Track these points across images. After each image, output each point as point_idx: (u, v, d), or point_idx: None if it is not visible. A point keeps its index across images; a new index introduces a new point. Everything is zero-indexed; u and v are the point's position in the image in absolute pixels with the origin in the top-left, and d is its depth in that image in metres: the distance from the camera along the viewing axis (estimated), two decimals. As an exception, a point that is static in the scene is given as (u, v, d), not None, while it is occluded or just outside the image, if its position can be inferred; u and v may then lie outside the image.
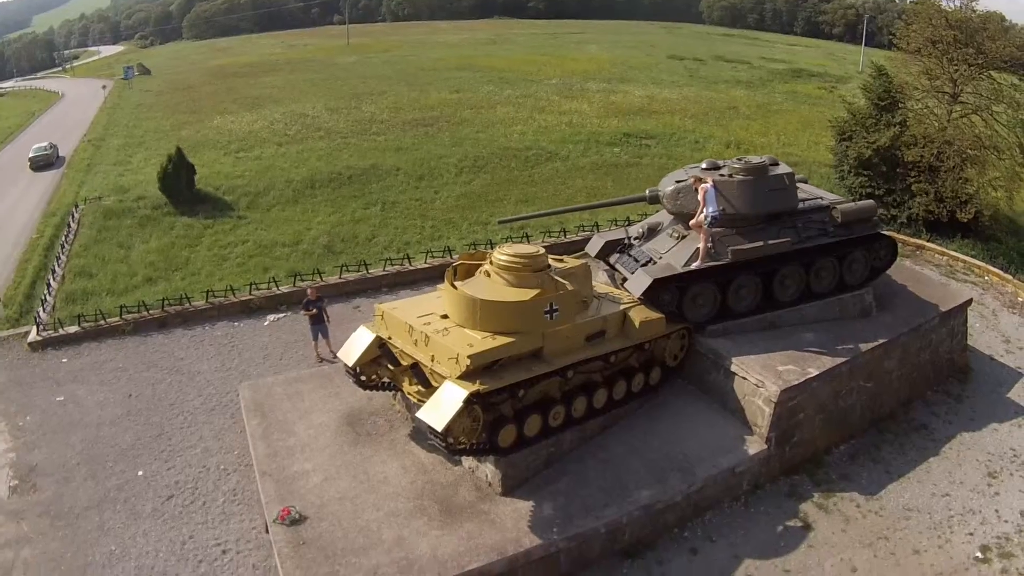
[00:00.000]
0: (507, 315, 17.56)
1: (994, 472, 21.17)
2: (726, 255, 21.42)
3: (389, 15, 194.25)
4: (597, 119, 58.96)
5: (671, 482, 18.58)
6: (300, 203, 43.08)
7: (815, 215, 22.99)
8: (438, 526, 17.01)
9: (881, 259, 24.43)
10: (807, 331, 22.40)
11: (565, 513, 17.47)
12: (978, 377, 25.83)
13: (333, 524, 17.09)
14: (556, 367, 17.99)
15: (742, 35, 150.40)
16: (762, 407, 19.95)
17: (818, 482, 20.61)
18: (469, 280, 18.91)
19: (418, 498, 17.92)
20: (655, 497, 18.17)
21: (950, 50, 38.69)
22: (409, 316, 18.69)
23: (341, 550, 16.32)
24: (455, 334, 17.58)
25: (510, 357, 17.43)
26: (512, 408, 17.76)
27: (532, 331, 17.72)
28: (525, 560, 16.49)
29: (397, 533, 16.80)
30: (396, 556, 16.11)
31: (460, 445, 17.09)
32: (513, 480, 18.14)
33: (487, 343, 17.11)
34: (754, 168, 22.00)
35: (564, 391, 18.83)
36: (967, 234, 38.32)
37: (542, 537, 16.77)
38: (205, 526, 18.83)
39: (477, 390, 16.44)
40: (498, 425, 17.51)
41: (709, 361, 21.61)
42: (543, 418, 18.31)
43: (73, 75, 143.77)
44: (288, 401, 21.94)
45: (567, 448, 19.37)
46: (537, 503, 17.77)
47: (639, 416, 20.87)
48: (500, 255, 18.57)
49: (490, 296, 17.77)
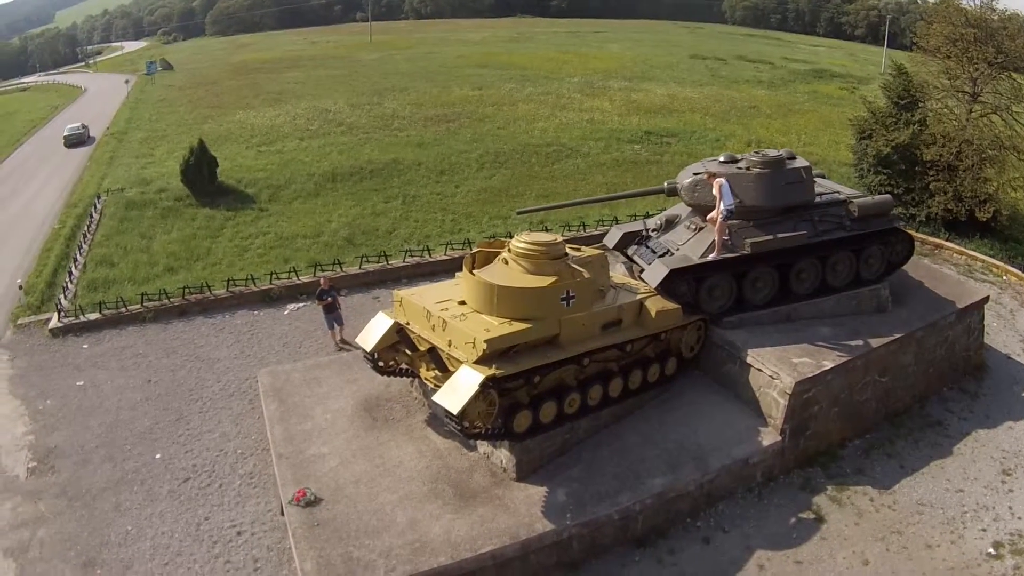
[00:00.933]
0: (524, 301, 17.73)
1: (1008, 469, 21.12)
2: (743, 247, 21.52)
3: (412, 13, 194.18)
4: (618, 117, 59.01)
5: (685, 471, 18.66)
6: (321, 196, 43.38)
7: (832, 209, 23.06)
8: (452, 510, 17.18)
9: (898, 254, 24.48)
10: (823, 325, 22.45)
11: (578, 500, 17.60)
12: (994, 375, 25.78)
13: (348, 506, 17.30)
14: (572, 354, 18.12)
15: (764, 35, 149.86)
16: (777, 399, 20.03)
17: (832, 475, 20.64)
18: (487, 267, 19.09)
19: (433, 482, 18.10)
20: (668, 486, 18.26)
21: (970, 49, 38.52)
22: (427, 302, 18.90)
23: (355, 532, 16.52)
24: (472, 320, 17.78)
25: (526, 343, 17.58)
26: (528, 394, 17.88)
27: (549, 318, 17.88)
28: (537, 545, 16.64)
29: (411, 516, 16.96)
30: (409, 538, 16.28)
31: (475, 429, 17.23)
32: (527, 466, 18.29)
33: (504, 328, 17.29)
34: (771, 161, 22.09)
35: (580, 379, 18.92)
36: (986, 234, 38.20)
37: (554, 522, 16.90)
38: (221, 508, 19.10)
39: (493, 374, 16.59)
40: (513, 410, 17.65)
41: (725, 352, 21.69)
42: (558, 405, 18.41)
43: (96, 70, 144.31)
44: (306, 387, 22.21)
45: (582, 436, 19.46)
46: (551, 489, 17.89)
47: (654, 406, 20.93)
48: (518, 243, 18.73)
49: (507, 282, 17.97)
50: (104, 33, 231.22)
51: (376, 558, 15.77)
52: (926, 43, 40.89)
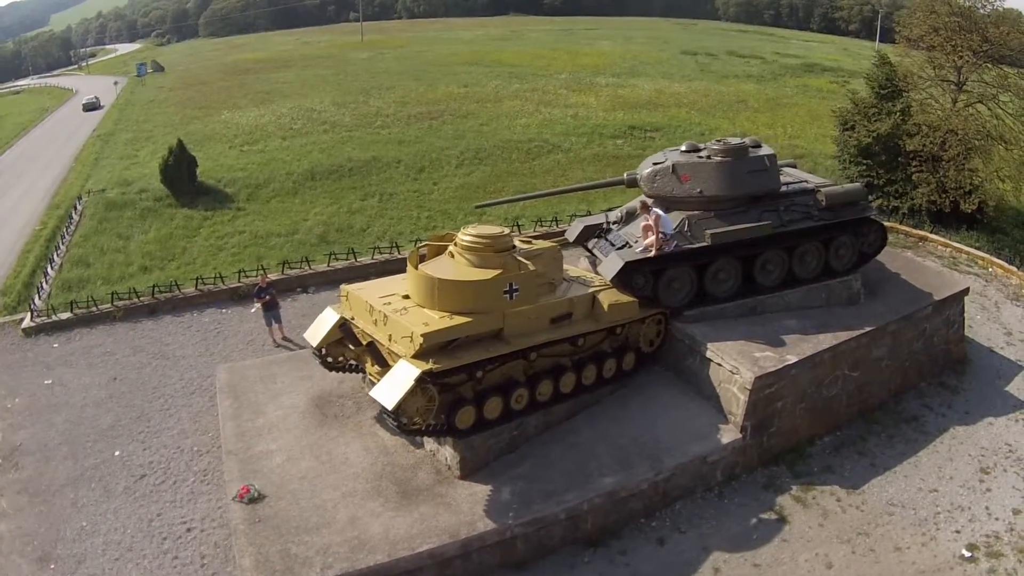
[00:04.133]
0: (465, 294, 17.48)
1: (987, 468, 20.40)
2: (703, 238, 20.91)
3: (405, 12, 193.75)
4: (603, 112, 58.40)
5: (637, 469, 18.15)
6: (299, 195, 43.37)
7: (799, 198, 22.43)
8: (393, 507, 17.02)
9: (870, 244, 23.76)
10: (790, 317, 21.81)
11: (524, 498, 17.27)
12: (976, 369, 25.07)
13: (290, 503, 17.23)
14: (516, 348, 17.86)
15: (758, 31, 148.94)
16: (737, 394, 19.39)
17: (798, 474, 19.96)
18: (432, 260, 18.91)
19: (377, 479, 17.95)
20: (619, 484, 17.77)
21: (953, 38, 37.93)
22: (371, 296, 18.71)
23: (295, 528, 16.45)
24: (414, 313, 17.56)
25: (468, 337, 17.33)
26: (473, 389, 17.66)
27: (491, 311, 17.61)
28: (479, 544, 16.36)
29: (352, 513, 16.84)
30: (348, 536, 16.17)
31: (414, 425, 17.00)
32: (472, 463, 18.04)
33: (443, 322, 17.04)
34: (733, 149, 21.49)
35: (529, 374, 18.61)
36: (972, 226, 37.55)
37: (497, 521, 16.62)
38: (173, 504, 19.08)
39: (430, 369, 16.34)
40: (456, 406, 17.43)
41: (685, 347, 21.10)
42: (505, 401, 18.16)
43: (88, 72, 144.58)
44: (261, 383, 22.16)
45: (532, 432, 19.16)
46: (496, 487, 17.61)
47: (611, 402, 20.50)
48: (463, 236, 18.48)
49: (448, 275, 17.71)
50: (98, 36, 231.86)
51: (314, 555, 15.69)
52: (909, 32, 40.35)
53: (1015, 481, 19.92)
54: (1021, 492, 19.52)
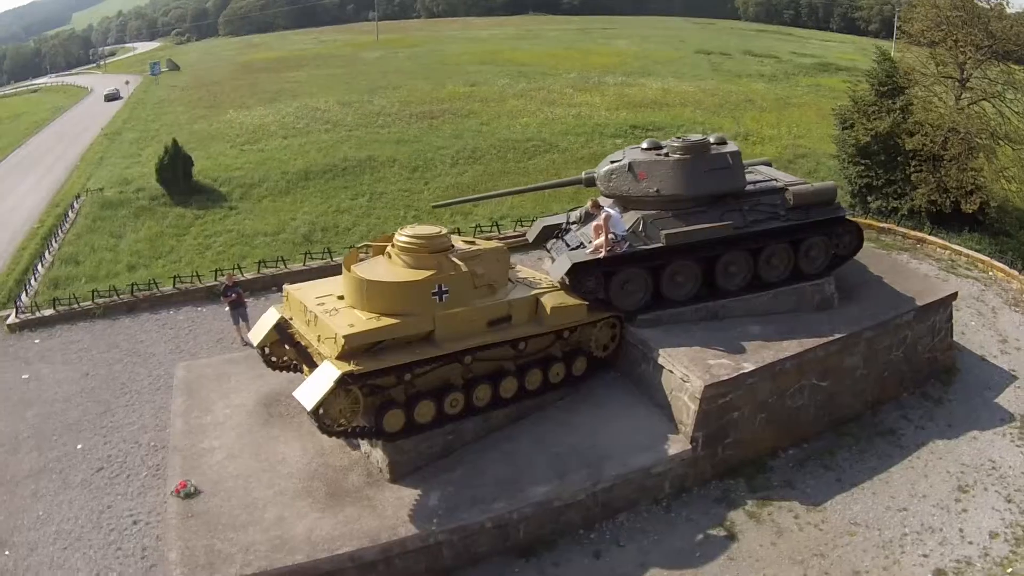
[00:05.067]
0: (392, 296, 17.30)
1: (965, 486, 19.18)
2: (658, 239, 20.08)
3: (424, 11, 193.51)
4: (607, 111, 57.64)
5: (573, 479, 17.52)
6: (291, 194, 43.39)
7: (765, 197, 21.45)
8: (320, 508, 16.93)
9: (845, 246, 22.71)
10: (754, 323, 20.87)
11: (450, 504, 16.93)
12: (964, 379, 23.87)
13: (223, 500, 17.28)
14: (448, 351, 17.54)
15: (776, 31, 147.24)
16: (688, 403, 18.51)
17: (755, 488, 18.95)
18: (368, 261, 18.88)
19: (309, 479, 17.89)
20: (552, 494, 17.21)
21: (955, 32, 36.92)
22: (307, 296, 18.58)
23: (223, 525, 16.49)
24: (343, 315, 17.38)
25: (395, 339, 17.10)
26: (404, 392, 17.49)
27: (420, 313, 17.37)
28: (400, 549, 16.14)
29: (279, 512, 16.82)
30: (272, 535, 16.16)
31: (340, 427, 16.84)
32: (403, 467, 17.80)
33: (369, 324, 16.88)
34: (692, 147, 20.60)
35: (467, 378, 18.28)
36: (975, 227, 36.46)
37: (420, 527, 16.35)
38: (124, 497, 19.39)
39: (351, 371, 16.20)
40: (385, 409, 17.24)
41: (639, 352, 20.27)
42: (438, 405, 17.83)
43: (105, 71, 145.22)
44: (215, 381, 22.24)
45: (469, 437, 18.79)
46: (424, 492, 17.31)
47: (559, 407, 19.89)
48: (400, 236, 18.33)
49: (376, 276, 17.56)
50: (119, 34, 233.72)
51: (236, 552, 15.71)
52: (910, 28, 39.40)
53: (995, 501, 18.67)
54: (1001, 513, 18.27)
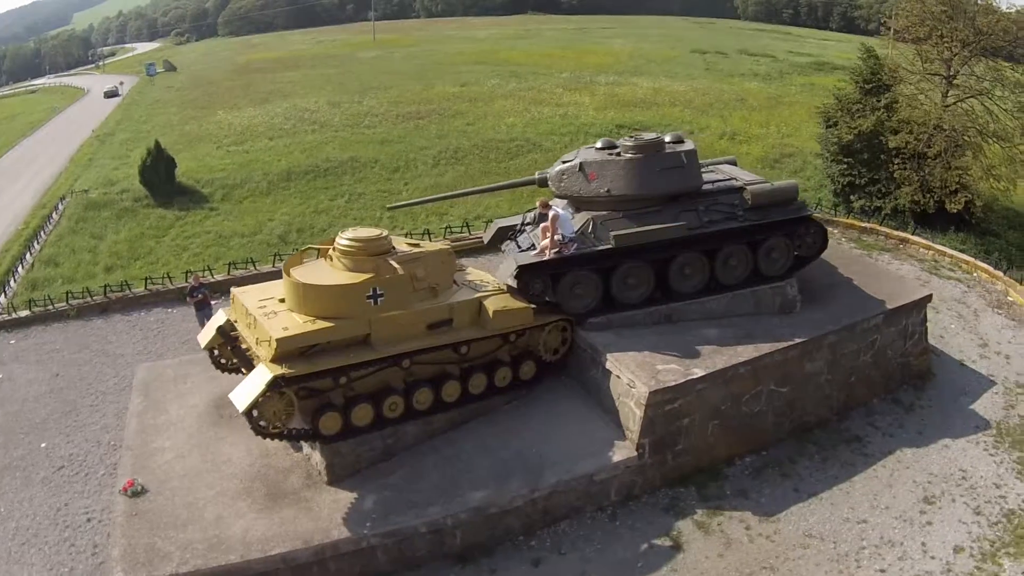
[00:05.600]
0: (326, 299, 17.31)
1: (932, 497, 18.46)
2: (608, 240, 19.59)
3: (423, 11, 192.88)
4: (594, 111, 57.16)
5: (511, 485, 17.31)
6: (272, 195, 43.39)
7: (723, 197, 20.87)
8: (258, 509, 16.99)
9: (808, 247, 22.06)
10: (710, 327, 20.31)
11: (385, 508, 16.88)
12: (940, 384, 23.18)
13: (168, 499, 17.36)
14: (384, 355, 17.49)
15: (775, 30, 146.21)
16: (634, 409, 17.99)
17: (707, 497, 18.38)
18: (310, 264, 18.97)
19: (250, 480, 17.94)
20: (488, 500, 17.05)
21: (940, 27, 36.40)
22: (250, 299, 18.48)
23: (165, 523, 16.61)
24: (281, 318, 17.35)
25: (331, 342, 17.12)
26: (343, 395, 17.46)
27: (356, 317, 17.35)
28: (333, 552, 16.16)
29: (219, 512, 16.91)
30: (210, 534, 16.25)
31: (275, 429, 16.81)
32: (341, 469, 17.79)
33: (303, 327, 16.89)
34: (645, 145, 20.08)
35: (409, 381, 18.18)
36: (961, 227, 35.95)
37: (353, 530, 16.33)
38: (81, 495, 19.75)
39: (282, 374, 16.23)
40: (321, 411, 17.23)
41: (588, 357, 19.82)
42: (376, 408, 17.78)
43: (103, 72, 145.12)
44: (172, 382, 22.22)
45: (411, 441, 18.68)
46: (361, 495, 17.26)
47: (506, 412, 19.68)
48: (341, 239, 18.35)
49: (312, 280, 17.59)
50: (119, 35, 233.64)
51: (175, 550, 15.84)
52: (895, 24, 38.91)
53: (963, 513, 17.98)
54: (968, 527, 17.58)
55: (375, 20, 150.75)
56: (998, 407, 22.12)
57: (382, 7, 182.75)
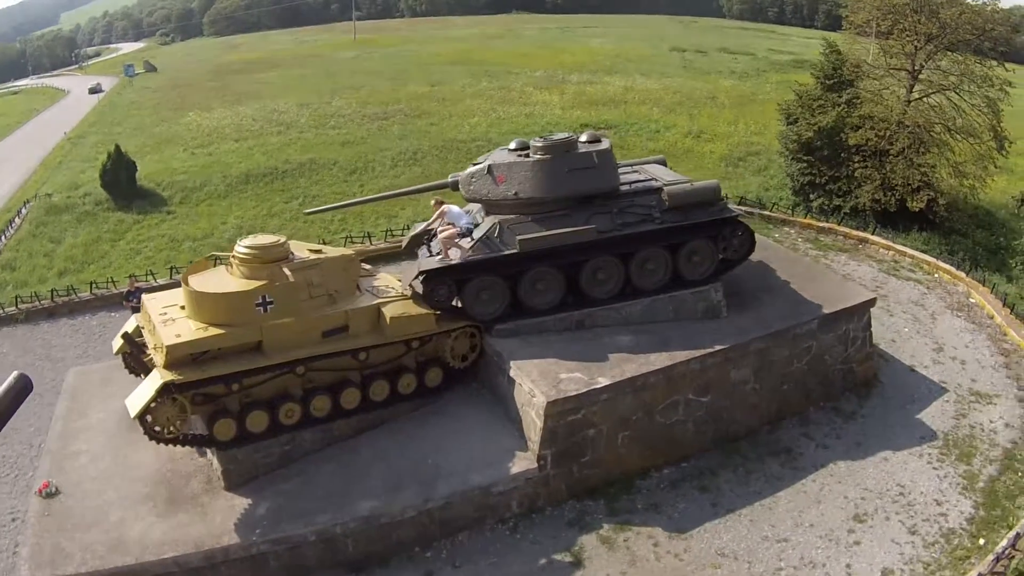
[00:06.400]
0: (216, 307, 17.35)
1: (863, 514, 17.73)
2: (513, 244, 19.02)
3: (407, 11, 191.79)
4: (561, 110, 56.68)
5: (403, 496, 17.24)
6: (229, 198, 43.05)
7: (640, 199, 20.23)
8: (158, 513, 17.14)
9: (735, 250, 21.37)
10: (625, 333, 19.68)
11: (276, 515, 16.94)
12: (886, 392, 22.46)
13: (78, 501, 17.55)
14: (276, 361, 17.49)
15: (759, 28, 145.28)
16: (535, 419, 17.45)
17: (616, 511, 17.74)
18: (210, 271, 19.04)
19: (155, 484, 18.07)
20: (379, 509, 17.01)
21: (902, 21, 35.81)
22: (156, 306, 18.55)
23: (73, 525, 16.84)
24: (177, 325, 17.44)
25: (222, 349, 17.17)
26: (239, 402, 17.55)
27: (247, 324, 17.34)
28: (223, 557, 16.25)
29: (122, 515, 17.07)
30: (111, 536, 16.45)
31: (169, 434, 16.98)
32: (237, 475, 17.87)
33: (195, 334, 16.99)
34: (553, 146, 19.48)
35: (308, 388, 18.18)
36: (925, 227, 35.35)
37: (243, 537, 16.42)
38: (9, 496, 20.20)
39: (172, 380, 16.34)
40: (216, 418, 17.35)
41: (495, 364, 19.32)
42: (272, 415, 17.79)
43: (85, 72, 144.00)
44: (98, 387, 22.19)
45: (309, 448, 18.66)
46: (255, 501, 17.31)
47: (411, 419, 19.51)
48: (238, 246, 18.31)
49: (203, 287, 17.64)
50: (104, 35, 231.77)
51: (78, 551, 16.07)
52: (856, 18, 38.33)
53: (897, 532, 17.25)
54: (901, 547, 16.87)
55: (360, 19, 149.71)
56: (948, 416, 21.43)
57: (367, 6, 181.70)
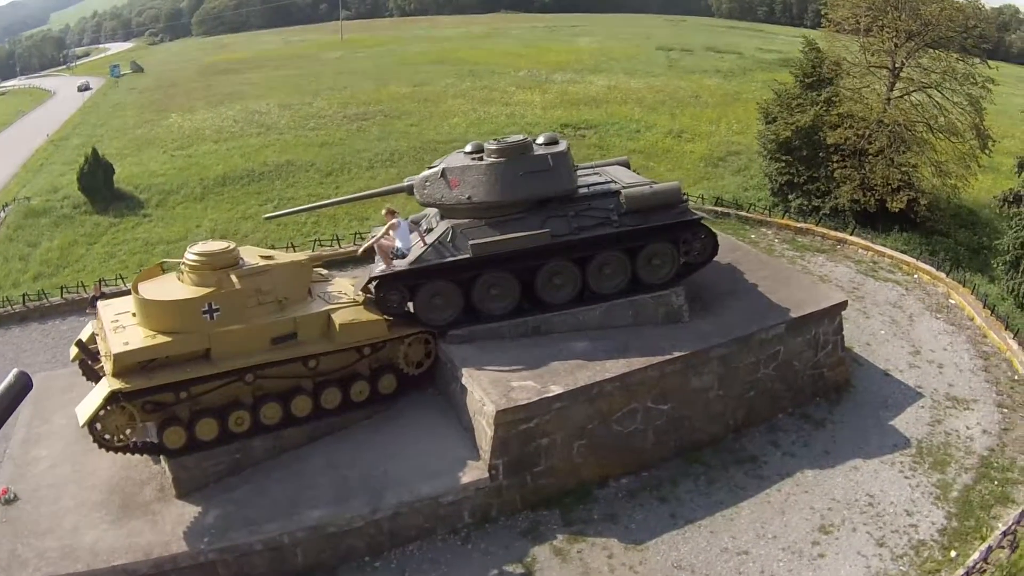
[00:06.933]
0: (163, 315, 17.29)
1: (829, 525, 17.27)
2: (466, 249, 18.70)
3: (397, 10, 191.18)
4: (542, 110, 56.21)
5: (351, 505, 17.06)
6: (205, 200, 42.62)
7: (597, 201, 19.89)
8: (111, 520, 17.14)
9: (698, 253, 21.03)
10: (581, 339, 19.32)
11: (225, 523, 16.86)
12: (858, 397, 22.03)
13: (35, 507, 17.64)
14: (224, 369, 17.41)
15: (748, 27, 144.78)
16: (486, 428, 17.13)
17: (571, 521, 17.37)
18: (161, 278, 18.87)
19: (110, 492, 18.05)
20: (327, 519, 16.83)
21: (882, 17, 35.48)
22: (109, 313, 18.51)
23: (29, 531, 16.90)
24: (127, 332, 17.39)
25: (170, 357, 17.10)
26: (189, 409, 17.49)
27: (194, 332, 17.29)
28: (172, 565, 16.22)
29: (76, 522, 17.10)
30: (65, 543, 16.48)
31: (119, 442, 17.03)
32: (187, 483, 17.83)
33: (143, 342, 16.95)
34: (507, 149, 19.15)
35: (258, 396, 18.10)
36: (905, 227, 35.01)
37: (191, 545, 16.35)
38: None
39: (119, 388, 16.33)
40: (165, 425, 17.28)
41: (449, 371, 19.03)
42: (221, 422, 17.76)
43: (73, 73, 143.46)
44: (62, 392, 21.97)
45: (260, 456, 18.59)
46: (204, 510, 17.24)
47: (363, 427, 19.36)
48: (187, 253, 18.23)
49: (151, 295, 17.54)
50: (94, 35, 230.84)
51: (32, 557, 16.16)
52: (834, 14, 37.99)
53: (863, 545, 16.79)
54: (867, 560, 16.38)
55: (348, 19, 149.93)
56: (922, 423, 21.01)
57: (356, 6, 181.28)
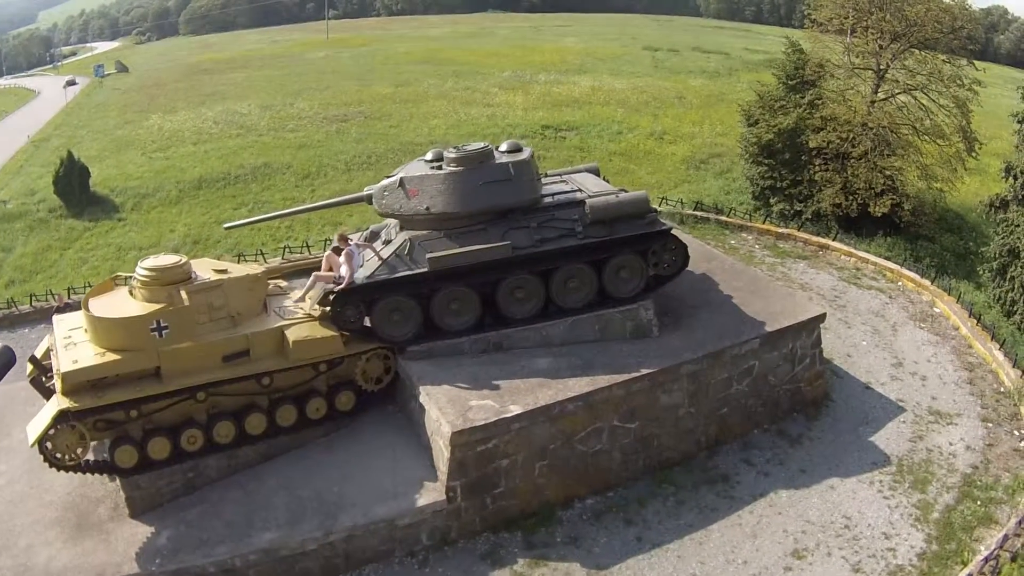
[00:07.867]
0: (112, 332, 17.00)
1: (802, 551, 16.74)
2: (423, 263, 18.14)
3: (384, 10, 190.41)
4: (523, 111, 55.72)
5: (304, 527, 16.73)
6: (180, 204, 42.00)
7: (561, 212, 19.32)
8: (64, 539, 16.92)
9: (668, 265, 20.41)
10: (544, 356, 18.78)
11: (177, 545, 16.59)
12: (837, 412, 21.47)
13: None
14: (174, 387, 17.14)
15: (735, 27, 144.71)
16: (443, 449, 16.61)
17: (533, 544, 16.87)
18: (113, 294, 18.49)
19: (66, 509, 17.78)
20: (279, 541, 16.54)
21: (866, 18, 35.04)
22: (62, 328, 18.29)
23: None
24: (77, 350, 17.11)
25: (119, 375, 16.82)
26: (141, 428, 17.26)
27: (143, 349, 17.00)
28: None
29: (30, 540, 16.90)
30: (19, 562, 16.30)
31: (70, 461, 16.77)
32: (141, 503, 17.61)
33: (92, 360, 16.68)
34: (466, 157, 18.60)
35: (212, 414, 17.83)
36: (890, 232, 34.57)
37: (142, 566, 16.16)
38: None
39: (67, 407, 16.11)
40: (117, 444, 17.10)
41: (407, 388, 18.50)
42: (173, 441, 17.50)
43: (59, 72, 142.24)
44: (22, 405, 21.49)
45: (214, 475, 18.31)
46: (157, 530, 16.99)
47: (320, 445, 19.00)
48: (140, 268, 17.88)
49: (100, 312, 17.23)
50: (81, 34, 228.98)
51: None
52: (818, 15, 37.55)
53: (838, 570, 16.26)
54: None
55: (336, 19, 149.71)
56: (903, 439, 20.51)
57: (343, 5, 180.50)
